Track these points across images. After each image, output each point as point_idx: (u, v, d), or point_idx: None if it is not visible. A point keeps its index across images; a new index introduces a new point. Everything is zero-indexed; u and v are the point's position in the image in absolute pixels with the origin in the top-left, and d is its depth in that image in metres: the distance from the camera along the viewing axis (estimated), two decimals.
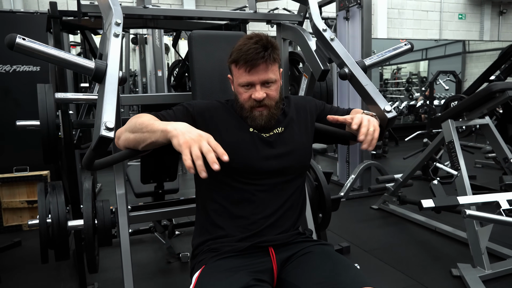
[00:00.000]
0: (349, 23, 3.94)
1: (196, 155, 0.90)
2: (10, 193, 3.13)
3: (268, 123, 1.19)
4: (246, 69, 1.13)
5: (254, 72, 1.13)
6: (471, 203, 2.06)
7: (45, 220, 1.51)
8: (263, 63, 1.13)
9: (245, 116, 1.19)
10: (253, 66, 1.12)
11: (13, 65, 3.39)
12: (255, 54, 1.11)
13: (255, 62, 1.12)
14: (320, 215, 1.94)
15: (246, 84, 1.15)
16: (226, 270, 1.05)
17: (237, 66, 1.15)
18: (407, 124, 8.44)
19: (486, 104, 2.55)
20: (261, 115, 1.17)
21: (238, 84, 1.17)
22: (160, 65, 4.96)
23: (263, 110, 1.17)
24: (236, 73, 1.17)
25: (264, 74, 1.14)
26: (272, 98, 1.17)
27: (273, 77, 1.16)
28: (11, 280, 2.31)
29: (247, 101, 1.16)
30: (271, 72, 1.15)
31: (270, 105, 1.17)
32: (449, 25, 9.93)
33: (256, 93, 1.14)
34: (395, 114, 1.24)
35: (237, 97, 1.19)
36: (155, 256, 2.63)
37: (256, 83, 1.14)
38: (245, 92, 1.16)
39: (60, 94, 1.76)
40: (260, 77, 1.14)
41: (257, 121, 1.17)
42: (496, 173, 4.12)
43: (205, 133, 0.96)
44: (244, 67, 1.13)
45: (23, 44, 0.95)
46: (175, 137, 0.95)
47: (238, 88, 1.18)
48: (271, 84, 1.16)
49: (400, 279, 2.22)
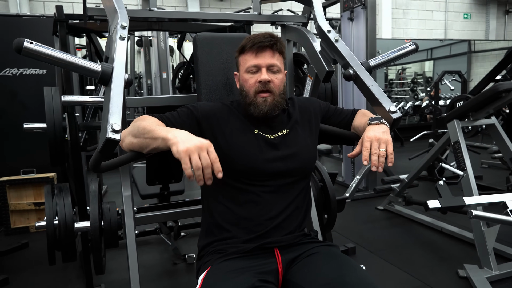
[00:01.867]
0: (354, 23, 3.93)
1: (196, 165, 0.91)
2: (17, 195, 3.15)
3: (272, 110, 1.19)
4: (253, 53, 1.18)
5: (261, 56, 1.18)
6: (477, 204, 2.05)
7: (52, 222, 1.52)
8: (270, 48, 1.19)
9: (249, 103, 1.19)
10: (260, 49, 1.18)
11: (20, 68, 3.42)
12: (263, 38, 1.18)
13: (262, 44, 1.17)
14: (325, 216, 1.94)
15: (253, 66, 1.18)
16: (232, 271, 1.05)
17: (244, 52, 1.20)
18: (413, 124, 8.39)
19: (492, 104, 2.54)
20: (265, 101, 1.18)
21: (245, 70, 1.20)
22: (165, 67, 4.98)
23: (267, 96, 1.18)
24: (242, 60, 1.21)
25: (270, 59, 1.19)
26: (276, 85, 1.19)
27: (279, 65, 1.20)
28: (19, 282, 2.33)
29: (253, 86, 1.19)
30: (277, 60, 1.20)
31: (275, 92, 1.19)
32: (454, 25, 9.89)
33: (262, 75, 1.17)
34: (400, 115, 1.24)
35: (243, 87, 1.21)
36: (161, 258, 2.64)
37: (262, 66, 1.18)
38: (251, 78, 1.19)
39: (66, 97, 1.77)
40: (266, 60, 1.18)
41: (261, 108, 1.18)
42: (503, 173, 4.08)
43: (206, 141, 0.95)
44: (251, 51, 1.19)
45: (31, 48, 0.96)
46: (174, 144, 0.95)
47: (244, 76, 1.21)
48: (277, 72, 1.20)
49: (406, 280, 2.21)
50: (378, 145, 1.09)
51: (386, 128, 1.16)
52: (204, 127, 1.18)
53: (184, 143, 0.93)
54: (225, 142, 1.17)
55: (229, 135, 1.18)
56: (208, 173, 0.92)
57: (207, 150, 0.93)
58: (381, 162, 1.08)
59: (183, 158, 0.91)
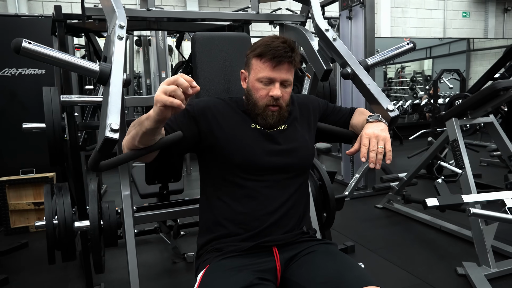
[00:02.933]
0: (352, 22, 3.93)
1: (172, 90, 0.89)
2: (17, 195, 3.16)
3: (277, 123, 1.20)
4: (270, 64, 1.15)
5: (278, 70, 1.15)
6: (475, 202, 2.06)
7: (52, 221, 1.52)
8: (288, 63, 1.16)
9: (257, 114, 1.19)
10: (279, 63, 1.14)
11: (19, 68, 3.42)
12: (284, 52, 1.14)
13: (282, 59, 1.14)
14: (324, 215, 1.94)
15: (267, 79, 1.16)
16: (230, 269, 1.06)
17: (262, 60, 1.16)
18: (412, 123, 8.41)
19: (491, 102, 2.54)
20: (273, 114, 1.18)
21: (257, 79, 1.17)
22: (164, 66, 4.98)
23: (276, 109, 1.18)
24: (258, 67, 1.17)
25: (286, 74, 1.17)
26: (285, 100, 1.19)
27: (291, 80, 1.19)
28: (19, 281, 2.34)
29: (263, 98, 1.17)
30: (291, 74, 1.19)
31: (282, 106, 1.19)
32: (453, 23, 9.90)
33: (275, 90, 1.15)
34: (398, 113, 1.25)
35: (252, 93, 1.19)
36: (160, 257, 2.65)
37: (277, 81, 1.16)
38: (262, 89, 1.17)
39: (65, 97, 1.78)
40: (282, 75, 1.16)
41: (268, 120, 1.18)
42: (501, 171, 4.09)
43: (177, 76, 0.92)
44: (269, 62, 1.15)
45: (29, 48, 0.97)
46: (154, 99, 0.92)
47: (255, 83, 1.18)
48: (288, 86, 1.19)
49: (405, 278, 2.22)
50: (377, 142, 1.10)
51: (384, 126, 1.17)
52: (202, 124, 1.18)
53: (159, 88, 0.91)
54: (223, 136, 1.17)
55: (226, 129, 1.18)
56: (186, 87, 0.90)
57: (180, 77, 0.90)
58: (379, 159, 1.09)
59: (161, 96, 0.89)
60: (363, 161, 1.10)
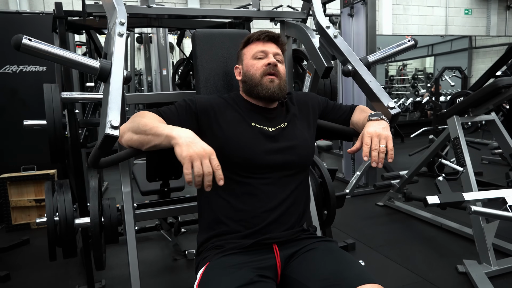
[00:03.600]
0: (354, 19, 3.92)
1: (197, 172, 0.92)
2: (18, 192, 3.17)
3: (279, 91, 1.23)
4: (260, 42, 1.26)
5: (268, 45, 1.26)
6: (476, 199, 2.05)
7: (53, 218, 1.53)
8: (274, 43, 1.27)
9: (255, 85, 1.23)
10: (267, 40, 1.26)
11: (20, 65, 3.42)
12: (268, 32, 1.26)
13: (268, 37, 1.26)
14: (325, 212, 1.94)
15: (261, 52, 1.24)
16: (230, 266, 1.06)
17: (251, 43, 1.27)
18: (413, 120, 8.40)
19: (492, 100, 2.54)
20: (272, 82, 1.22)
21: (251, 57, 1.25)
22: (165, 64, 4.98)
23: (274, 78, 1.22)
24: (248, 51, 1.27)
25: (276, 49, 1.27)
26: (281, 72, 1.25)
27: (282, 57, 1.27)
28: (20, 278, 2.35)
29: (260, 69, 1.23)
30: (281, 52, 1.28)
31: (281, 77, 1.24)
32: (455, 21, 9.85)
33: (270, 58, 1.23)
34: (398, 111, 1.24)
35: (248, 72, 1.25)
36: (161, 254, 2.65)
37: (270, 53, 1.24)
38: (258, 62, 1.24)
39: (66, 94, 1.78)
40: (273, 49, 1.26)
41: (269, 88, 1.21)
42: (503, 169, 4.08)
43: (209, 149, 0.96)
44: (257, 41, 1.26)
45: (29, 45, 0.97)
46: (178, 145, 0.96)
47: (249, 62, 1.25)
48: (281, 61, 1.26)
49: (406, 276, 2.22)
50: (379, 141, 1.10)
51: (386, 124, 1.16)
52: (202, 121, 1.18)
53: (188, 148, 0.94)
54: (222, 134, 1.17)
55: (226, 127, 1.18)
56: (208, 180, 0.93)
57: (209, 158, 0.94)
58: (381, 158, 1.09)
59: (185, 164, 0.93)
60: (365, 160, 1.09)
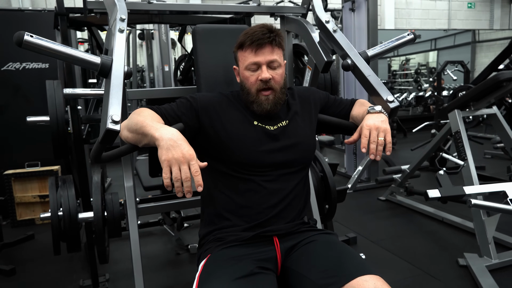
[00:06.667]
0: (355, 14, 3.91)
1: (175, 177, 0.91)
2: (22, 188, 3.20)
3: (274, 107, 1.20)
4: (252, 50, 1.16)
5: (260, 53, 1.16)
6: (477, 193, 2.05)
7: (57, 213, 1.55)
8: (269, 44, 1.17)
9: (251, 101, 1.19)
10: (260, 46, 1.16)
11: (23, 62, 3.44)
12: (261, 34, 1.15)
13: (261, 41, 1.15)
14: (326, 206, 1.95)
15: (253, 64, 1.17)
16: (231, 258, 1.07)
17: (243, 49, 1.18)
18: (416, 115, 8.38)
19: (493, 94, 2.53)
20: (267, 99, 1.18)
21: (245, 68, 1.19)
22: (167, 60, 4.98)
23: (269, 94, 1.18)
24: (242, 57, 1.19)
25: (270, 55, 1.17)
26: (277, 82, 1.19)
27: (278, 60, 1.19)
28: (25, 272, 2.38)
29: (254, 84, 1.18)
30: (277, 55, 1.18)
31: (276, 89, 1.19)
32: (458, 14, 9.78)
33: (262, 73, 1.16)
34: (397, 104, 1.25)
35: (244, 84, 1.21)
36: (164, 248, 2.68)
37: (262, 64, 1.17)
38: (251, 76, 1.18)
39: (68, 90, 1.79)
40: (266, 57, 1.16)
41: (263, 106, 1.18)
42: (505, 163, 4.08)
43: (189, 153, 0.93)
44: (250, 48, 1.16)
45: (31, 41, 0.98)
46: (160, 148, 0.95)
47: (244, 73, 1.19)
48: (277, 67, 1.19)
49: (407, 269, 2.24)
50: (377, 133, 1.10)
51: (385, 117, 1.17)
52: (203, 119, 1.19)
53: (167, 152, 0.93)
54: (225, 133, 1.18)
55: (229, 126, 1.19)
56: (187, 187, 0.91)
57: (188, 163, 0.92)
58: (379, 150, 1.10)
59: (164, 167, 0.92)
60: (363, 152, 1.10)
